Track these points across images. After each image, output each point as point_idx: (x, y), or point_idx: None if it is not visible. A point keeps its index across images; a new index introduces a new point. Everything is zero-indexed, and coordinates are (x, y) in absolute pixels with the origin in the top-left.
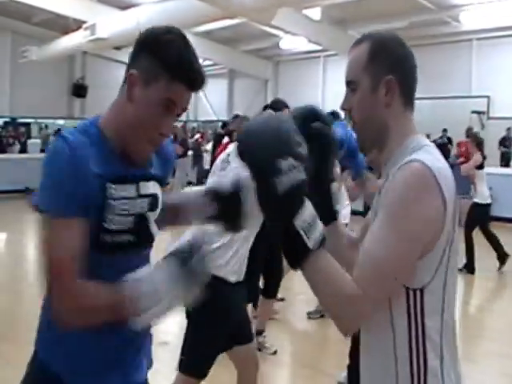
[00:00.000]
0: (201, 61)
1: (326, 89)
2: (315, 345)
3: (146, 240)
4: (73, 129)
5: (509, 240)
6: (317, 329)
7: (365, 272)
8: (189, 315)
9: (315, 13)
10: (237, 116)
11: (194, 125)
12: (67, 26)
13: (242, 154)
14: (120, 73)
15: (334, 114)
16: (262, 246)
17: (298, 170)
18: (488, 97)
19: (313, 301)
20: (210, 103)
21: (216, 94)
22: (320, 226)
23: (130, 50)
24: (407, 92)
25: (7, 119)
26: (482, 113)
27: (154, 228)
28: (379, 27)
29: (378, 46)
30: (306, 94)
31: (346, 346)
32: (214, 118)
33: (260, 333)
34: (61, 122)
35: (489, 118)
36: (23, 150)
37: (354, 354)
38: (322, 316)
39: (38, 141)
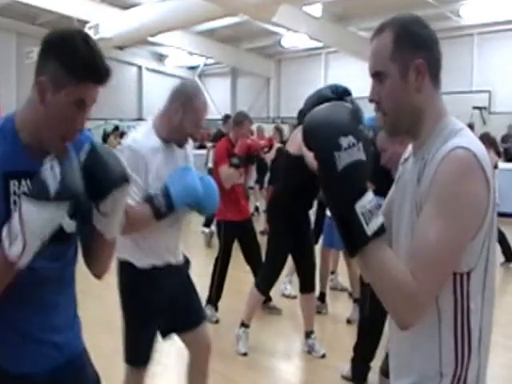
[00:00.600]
0: (203, 59)
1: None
2: (316, 339)
3: (56, 236)
4: None
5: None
6: (316, 324)
7: (423, 265)
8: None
9: (316, 10)
10: (228, 117)
11: None
12: (71, 26)
13: (306, 136)
14: (123, 72)
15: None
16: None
17: (358, 148)
18: (489, 92)
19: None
20: (214, 101)
21: (219, 93)
22: (380, 216)
23: (134, 50)
24: (436, 72)
25: None
26: (484, 108)
27: (66, 220)
28: (379, 23)
29: (401, 31)
30: (308, 91)
31: (347, 340)
32: (218, 117)
33: (309, 335)
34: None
35: (490, 113)
36: None
37: (359, 347)
38: (319, 312)
39: None
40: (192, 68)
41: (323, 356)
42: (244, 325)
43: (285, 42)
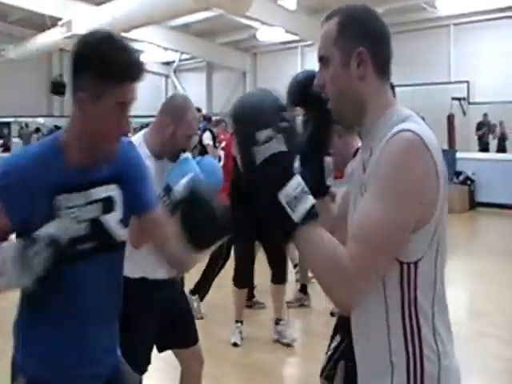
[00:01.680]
0: (178, 54)
1: None
2: (299, 332)
3: (107, 244)
4: (37, 142)
5: (496, 225)
6: (298, 317)
7: (359, 246)
8: None
9: (291, 3)
10: (198, 110)
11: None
12: (43, 23)
13: (232, 127)
14: None
15: None
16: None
17: (277, 141)
18: (468, 82)
19: (291, 291)
20: (190, 97)
21: (194, 88)
22: (309, 199)
23: None
24: (381, 63)
25: None
26: (463, 99)
27: (116, 230)
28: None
29: (347, 19)
30: (284, 85)
31: (330, 332)
32: None
33: (278, 322)
34: (41, 120)
35: (470, 104)
36: (7, 149)
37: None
38: (302, 305)
39: (18, 140)
40: (167, 63)
41: (292, 341)
42: (237, 321)
43: (260, 36)
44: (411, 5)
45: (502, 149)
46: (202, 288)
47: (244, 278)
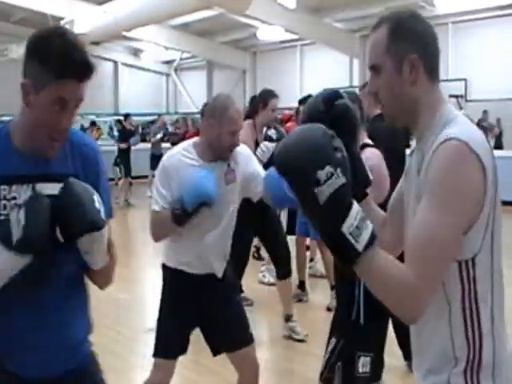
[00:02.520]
0: (179, 53)
1: (304, 77)
2: (296, 321)
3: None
4: None
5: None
6: (296, 312)
7: (419, 258)
8: None
9: (290, 2)
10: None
11: (175, 117)
12: (46, 23)
13: (281, 166)
14: (99, 67)
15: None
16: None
17: (336, 175)
18: (465, 80)
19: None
20: (190, 95)
21: (195, 86)
22: (369, 224)
23: (109, 45)
24: (431, 66)
25: None
26: (460, 96)
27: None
28: (355, 14)
29: (396, 27)
30: (284, 83)
31: (328, 327)
32: (194, 110)
33: (289, 318)
34: None
35: (467, 101)
36: None
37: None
38: (300, 300)
39: None
40: (168, 62)
41: (305, 337)
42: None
43: (260, 35)
44: (410, 3)
45: (498, 146)
46: None
47: (240, 276)
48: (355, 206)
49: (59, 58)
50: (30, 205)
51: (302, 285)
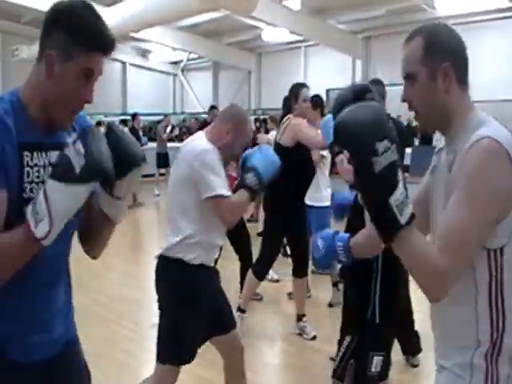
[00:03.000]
0: (186, 54)
1: (308, 77)
2: (307, 322)
3: None
4: None
5: None
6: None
7: (449, 244)
8: (159, 301)
9: (295, 4)
10: (213, 107)
11: (181, 117)
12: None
13: (340, 137)
14: (108, 68)
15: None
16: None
17: (392, 150)
18: None
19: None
20: (196, 95)
21: (201, 86)
22: (410, 203)
23: (118, 45)
24: (462, 75)
25: None
26: None
27: None
28: (358, 16)
29: (431, 38)
30: (288, 84)
31: (331, 322)
32: (201, 110)
33: (300, 318)
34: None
35: None
36: None
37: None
38: None
39: None
40: (175, 63)
41: (314, 338)
42: (240, 309)
43: (265, 36)
44: (411, 6)
45: None
46: None
47: (265, 271)
48: (401, 184)
49: (90, 31)
50: (87, 136)
51: None
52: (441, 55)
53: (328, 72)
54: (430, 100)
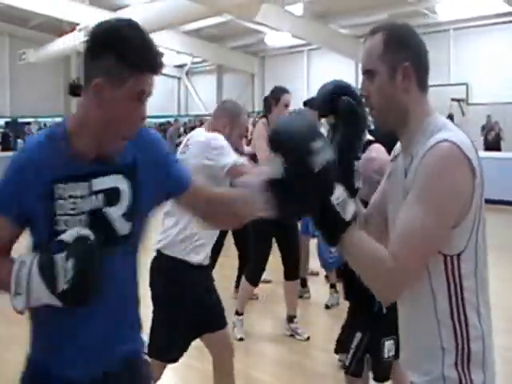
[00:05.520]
0: (190, 58)
1: (310, 81)
2: (300, 323)
3: (110, 237)
4: (43, 130)
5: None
6: (299, 308)
7: (401, 245)
8: (153, 298)
9: (297, 8)
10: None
11: (186, 120)
12: (62, 28)
13: (275, 142)
14: None
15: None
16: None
17: (327, 149)
18: (466, 84)
19: None
20: (200, 98)
21: (205, 90)
22: (352, 202)
23: None
24: (422, 76)
25: (8, 119)
26: (462, 100)
27: (120, 222)
28: (359, 21)
29: (392, 36)
30: (291, 87)
31: (332, 322)
32: (205, 112)
33: (291, 319)
34: (59, 120)
35: (468, 105)
36: None
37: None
38: (301, 297)
39: None
40: (180, 66)
41: (308, 339)
42: (238, 313)
43: (268, 40)
44: (413, 11)
45: (497, 147)
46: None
47: (259, 275)
48: (340, 185)
49: (140, 53)
50: (79, 254)
51: (303, 282)
52: (401, 54)
53: (330, 75)
54: (388, 97)
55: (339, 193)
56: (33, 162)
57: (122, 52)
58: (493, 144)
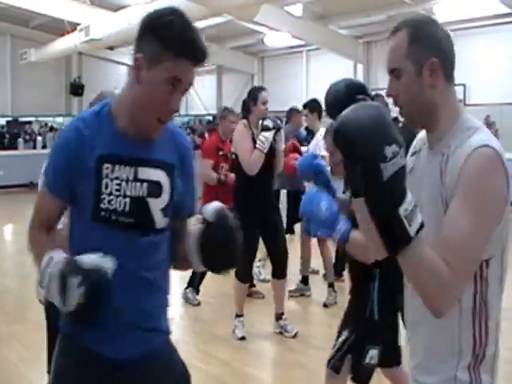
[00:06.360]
0: None
1: (310, 81)
2: (301, 321)
3: (146, 224)
4: (90, 109)
5: None
6: (299, 306)
7: (457, 256)
8: None
9: (297, 9)
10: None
11: (185, 119)
12: (63, 28)
13: (345, 144)
14: (114, 71)
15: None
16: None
17: (400, 155)
18: (464, 85)
19: (293, 280)
20: (200, 98)
21: (205, 90)
22: (419, 213)
23: (123, 49)
24: (449, 71)
25: (9, 118)
26: (460, 101)
27: (158, 215)
28: (358, 21)
29: (416, 32)
30: (290, 87)
31: (331, 321)
32: (204, 112)
33: (280, 316)
34: (60, 119)
35: (466, 106)
36: (34, 147)
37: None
38: (302, 295)
39: (40, 138)
40: None
41: (295, 335)
42: (238, 315)
43: (267, 41)
44: (410, 12)
45: None
46: (193, 277)
47: (248, 273)
48: (409, 192)
49: (180, 38)
50: (89, 284)
51: (305, 280)
52: (427, 50)
53: (330, 76)
54: (416, 95)
55: (408, 202)
56: (82, 136)
57: (162, 35)
58: None
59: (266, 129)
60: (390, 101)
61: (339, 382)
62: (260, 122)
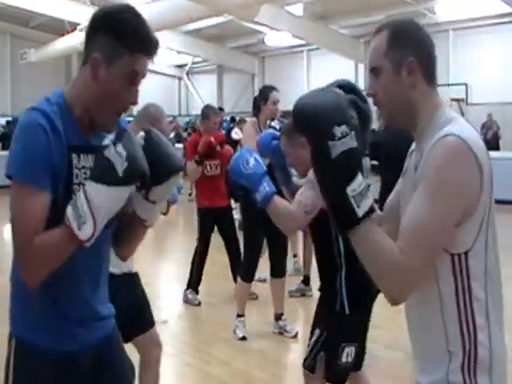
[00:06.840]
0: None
1: (310, 81)
2: (301, 321)
3: None
4: (42, 100)
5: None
6: (300, 307)
7: (411, 243)
8: None
9: (297, 9)
10: (220, 109)
11: (187, 119)
12: (63, 28)
13: (299, 121)
14: None
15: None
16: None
17: (350, 137)
18: (466, 84)
19: (294, 281)
20: (201, 98)
21: (206, 89)
22: (371, 198)
23: None
24: (429, 71)
25: (9, 118)
26: (461, 100)
27: None
28: (359, 21)
29: (396, 32)
30: (291, 87)
31: None
32: None
33: (279, 317)
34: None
35: (468, 105)
36: None
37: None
38: (303, 295)
39: None
40: (180, 66)
41: (296, 335)
42: (239, 315)
43: (268, 40)
44: (412, 11)
45: (495, 146)
46: (191, 277)
47: (252, 273)
48: (360, 176)
49: (136, 34)
50: (125, 139)
51: (306, 279)
52: (405, 49)
53: (330, 76)
54: (395, 94)
55: (357, 184)
56: (54, 126)
57: (117, 31)
58: (491, 143)
59: (273, 130)
60: None
61: (316, 382)
62: (268, 122)
